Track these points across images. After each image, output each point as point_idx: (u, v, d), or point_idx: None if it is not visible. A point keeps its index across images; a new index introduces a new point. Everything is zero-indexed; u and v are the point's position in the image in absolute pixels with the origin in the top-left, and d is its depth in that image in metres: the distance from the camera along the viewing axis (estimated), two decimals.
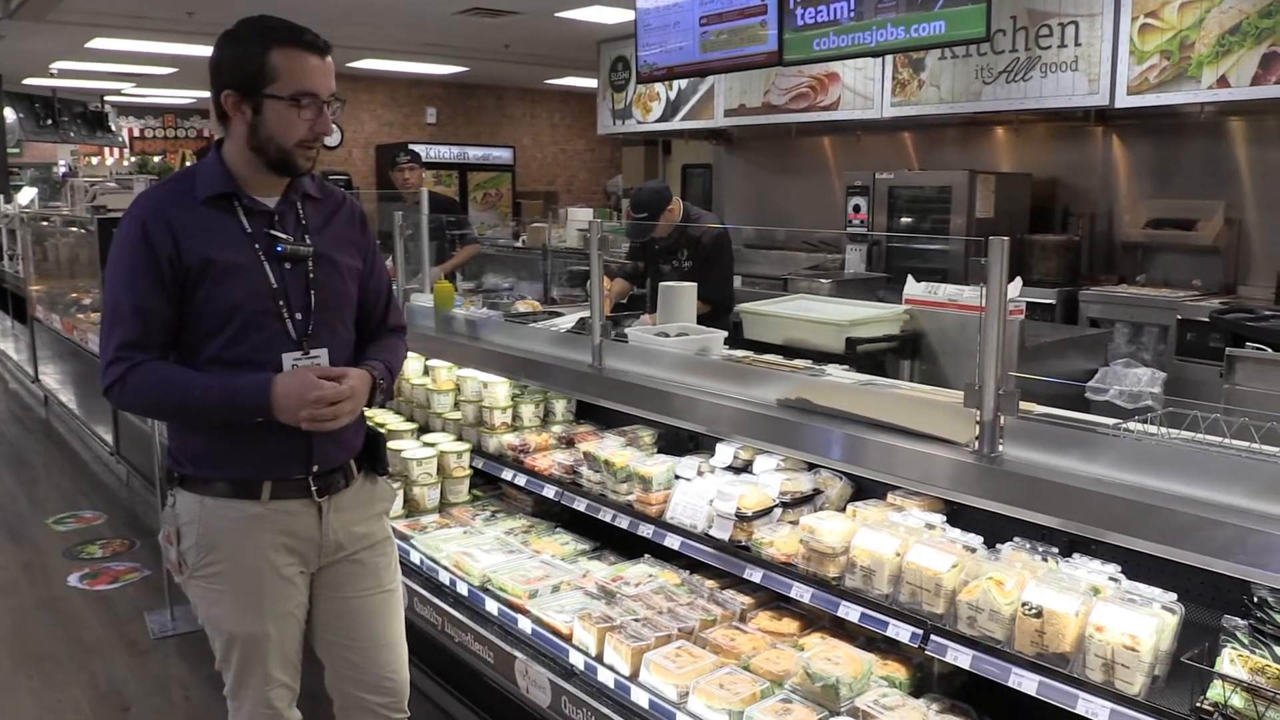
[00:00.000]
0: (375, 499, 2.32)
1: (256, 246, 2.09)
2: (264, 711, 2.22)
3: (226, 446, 2.09)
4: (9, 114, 14.34)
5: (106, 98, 16.02)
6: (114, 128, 16.91)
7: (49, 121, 15.07)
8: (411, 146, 6.85)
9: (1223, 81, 5.13)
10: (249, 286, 2.07)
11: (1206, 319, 5.19)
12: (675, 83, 8.32)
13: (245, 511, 2.11)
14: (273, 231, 2.11)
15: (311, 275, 2.14)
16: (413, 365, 4.16)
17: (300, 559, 2.18)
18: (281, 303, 2.10)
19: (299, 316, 2.12)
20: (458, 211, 6.99)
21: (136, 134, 18.69)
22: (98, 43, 10.31)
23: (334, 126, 2.11)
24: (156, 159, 17.47)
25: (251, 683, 2.20)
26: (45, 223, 8.37)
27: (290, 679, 2.24)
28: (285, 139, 2.05)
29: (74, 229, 7.35)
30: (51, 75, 13.06)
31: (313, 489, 2.15)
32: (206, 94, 2.15)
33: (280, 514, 2.13)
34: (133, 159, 18.10)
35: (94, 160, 20.23)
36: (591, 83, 9.98)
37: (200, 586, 2.17)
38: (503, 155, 13.62)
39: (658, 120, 8.74)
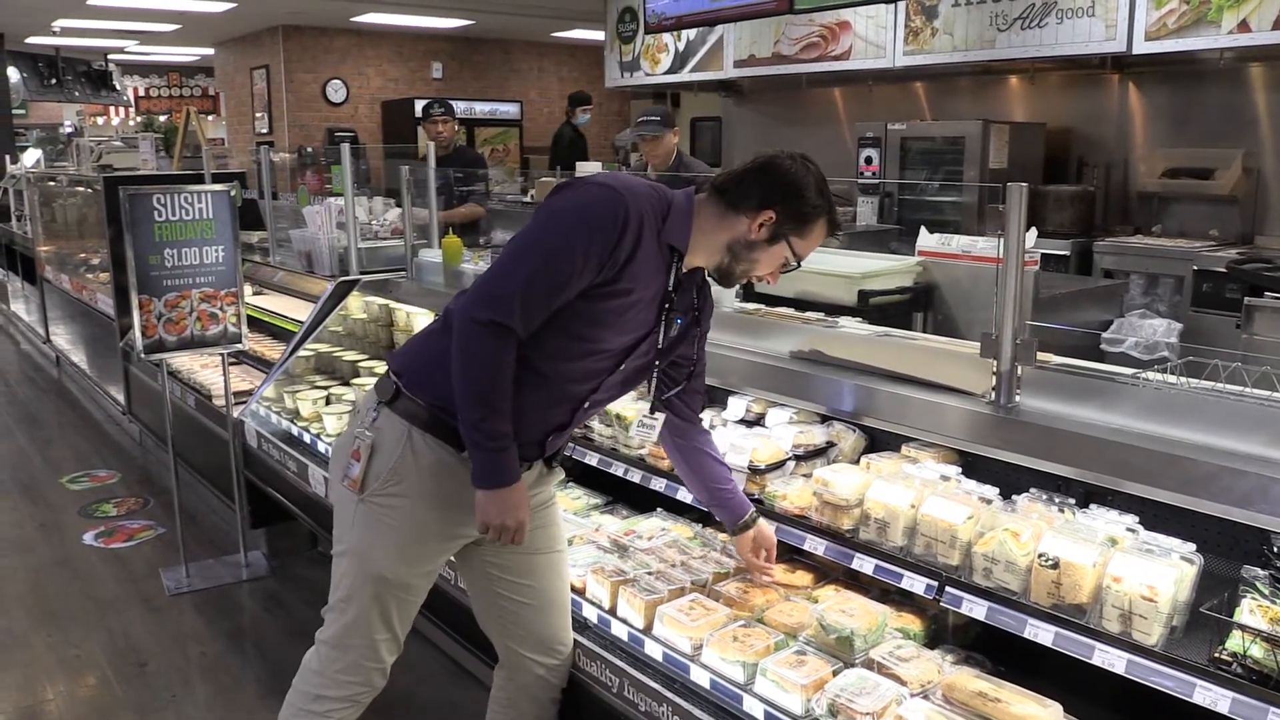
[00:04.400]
0: (548, 478, 2.36)
1: (666, 307, 2.13)
2: (367, 665, 2.21)
3: None
4: (12, 74, 14.25)
5: (110, 56, 15.91)
6: (119, 87, 16.80)
7: (53, 81, 14.98)
8: (439, 100, 6.75)
9: (1244, 26, 5.02)
10: (626, 337, 2.11)
11: (1223, 269, 5.13)
12: (684, 33, 8.19)
13: (442, 457, 2.10)
14: (674, 300, 2.13)
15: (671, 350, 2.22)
16: (421, 321, 4.14)
17: (472, 524, 2.15)
18: (656, 363, 2.21)
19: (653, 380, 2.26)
20: (482, 167, 6.92)
21: (141, 93, 18.57)
22: None
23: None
24: (162, 118, 17.39)
25: (364, 630, 2.18)
26: (52, 183, 8.34)
27: (402, 635, 2.25)
28: (759, 270, 2.13)
29: (81, 189, 7.31)
30: (54, 33, 12.95)
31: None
32: (210, 51, 2.11)
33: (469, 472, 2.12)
34: (138, 118, 18.02)
35: (99, 120, 20.18)
36: (599, 35, 9.84)
37: (371, 512, 2.14)
38: (510, 110, 13.49)
39: (666, 72, 8.62)
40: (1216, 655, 1.76)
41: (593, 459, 3.08)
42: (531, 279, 1.96)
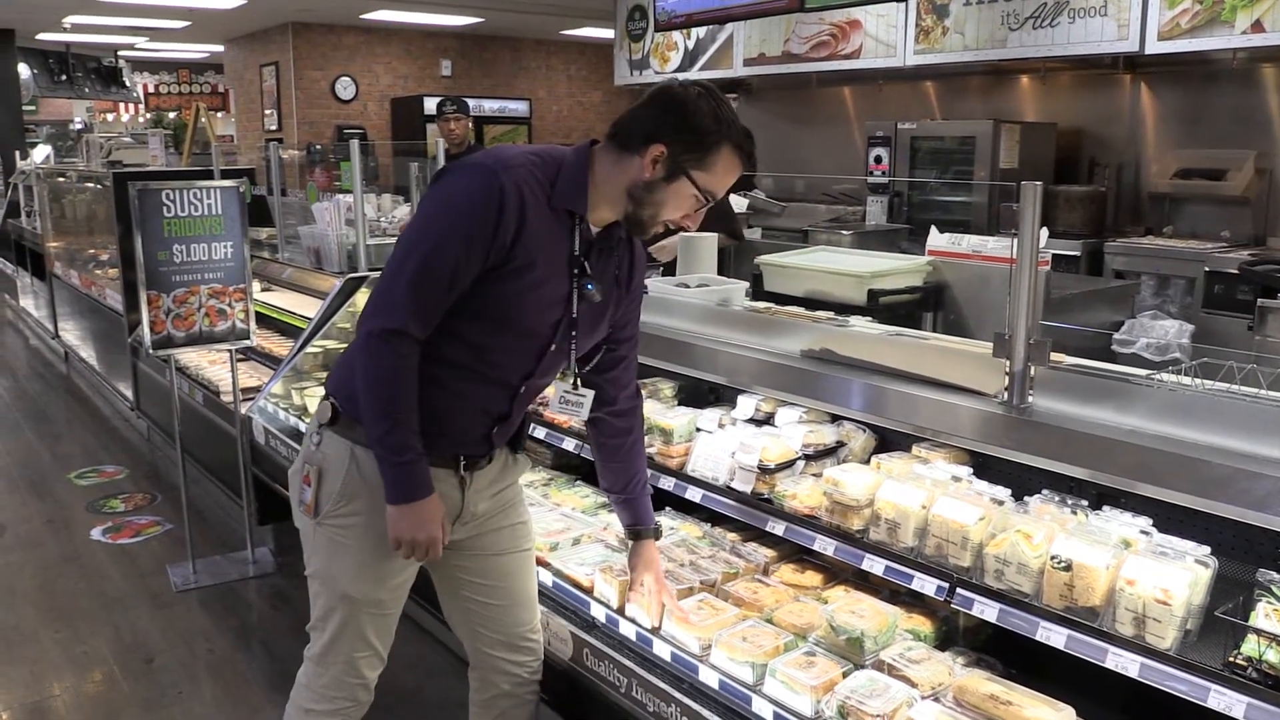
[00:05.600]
0: (513, 470, 2.31)
1: (575, 272, 2.03)
2: (350, 680, 2.19)
3: (429, 422, 2.02)
4: (23, 70, 14.29)
5: (120, 52, 15.94)
6: (128, 83, 16.84)
7: (63, 77, 15.02)
8: (452, 97, 6.70)
9: (1257, 26, 4.99)
10: (544, 313, 2.03)
11: (1235, 271, 5.10)
12: (694, 31, 8.18)
13: None
14: (586, 266, 2.04)
15: (586, 319, 2.10)
16: None
17: None
18: (561, 337, 2.09)
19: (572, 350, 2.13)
20: None
21: (151, 90, 18.64)
22: None
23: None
24: (171, 115, 17.44)
25: (343, 648, 2.17)
26: (61, 179, 8.36)
27: (383, 648, 2.23)
28: (666, 213, 1.99)
29: (90, 185, 7.33)
30: (64, 30, 12.98)
31: (461, 462, 2.13)
32: (220, 48, 2.08)
33: None
34: (148, 115, 18.08)
35: (109, 117, 20.25)
36: (608, 33, 9.83)
37: (328, 535, 2.12)
38: (519, 108, 13.49)
39: (675, 70, 8.60)
40: (1231, 659, 1.74)
41: None
42: (416, 280, 1.91)
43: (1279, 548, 1.93)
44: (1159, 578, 1.83)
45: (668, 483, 2.79)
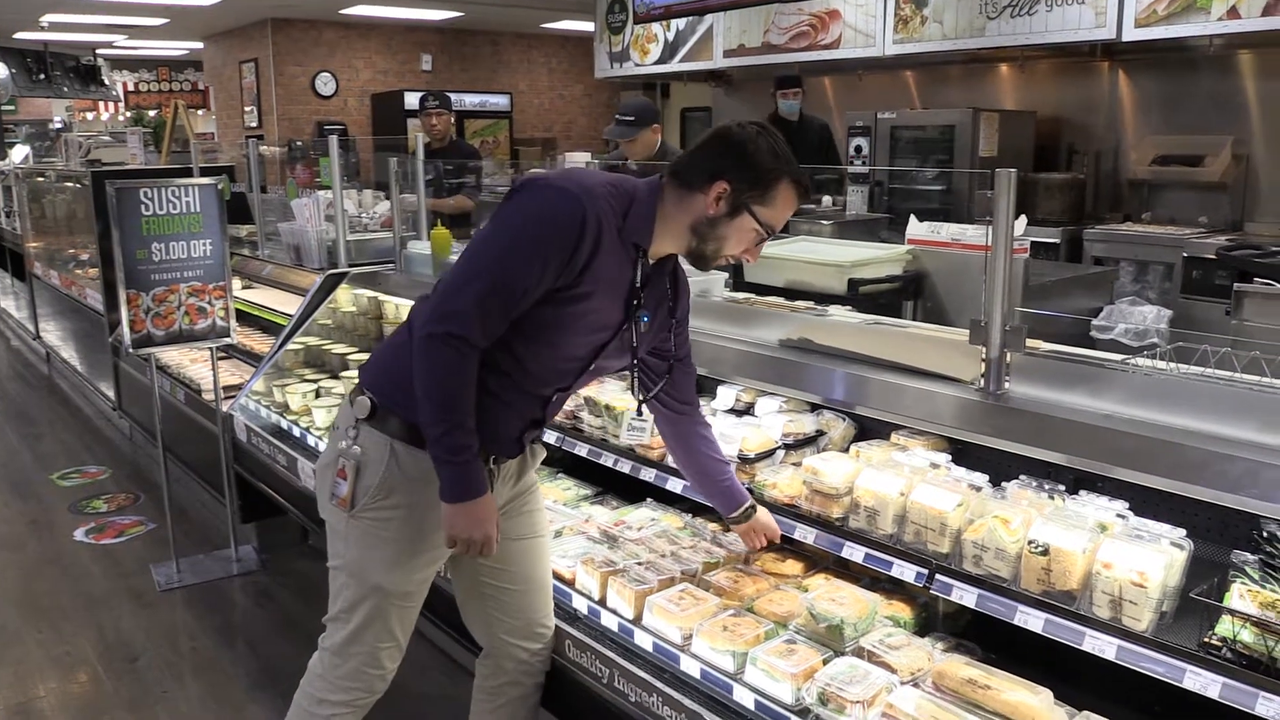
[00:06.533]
0: (532, 459, 2.36)
1: (635, 304, 2.09)
2: (370, 671, 2.22)
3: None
4: (0, 69, 14.16)
5: (99, 51, 15.81)
6: (108, 82, 16.71)
7: (41, 76, 14.88)
8: (435, 92, 6.65)
9: (1233, 13, 5.01)
10: (590, 338, 2.09)
11: (1213, 256, 5.13)
12: (673, 23, 8.16)
13: (428, 466, 2.07)
14: (642, 297, 2.10)
15: (636, 346, 2.17)
16: None
17: None
18: (601, 359, 2.15)
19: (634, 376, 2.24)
20: (477, 160, 6.87)
21: (130, 88, 18.52)
22: None
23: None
24: (151, 113, 17.32)
25: (368, 639, 2.19)
26: (41, 179, 8.30)
27: (404, 640, 2.26)
28: (729, 248, 2.05)
29: (69, 184, 7.28)
30: (42, 28, 12.86)
31: (492, 458, 2.17)
32: (199, 45, 2.07)
33: None
34: (127, 113, 17.96)
35: (89, 115, 20.10)
36: (588, 26, 9.82)
37: (363, 527, 2.14)
38: (500, 102, 13.44)
39: (656, 62, 8.59)
40: (1206, 640, 1.76)
41: (582, 450, 3.07)
42: (486, 291, 1.94)
43: (1253, 529, 1.95)
44: (1135, 561, 1.84)
45: (649, 474, 2.79)
